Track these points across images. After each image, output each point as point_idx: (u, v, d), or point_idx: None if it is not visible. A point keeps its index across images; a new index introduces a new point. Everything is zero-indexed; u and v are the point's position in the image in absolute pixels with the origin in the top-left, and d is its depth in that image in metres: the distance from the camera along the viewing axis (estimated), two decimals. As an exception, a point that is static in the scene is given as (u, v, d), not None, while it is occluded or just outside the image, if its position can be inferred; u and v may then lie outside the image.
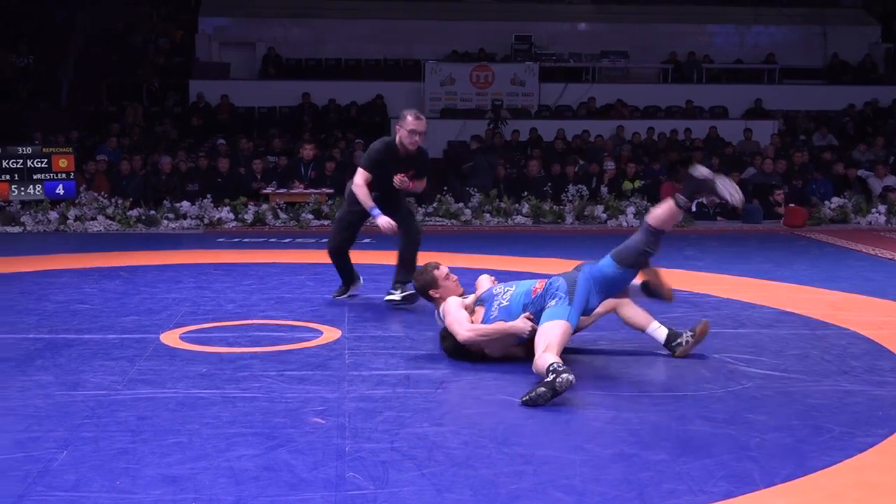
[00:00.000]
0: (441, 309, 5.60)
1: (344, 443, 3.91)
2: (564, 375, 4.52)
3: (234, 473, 3.57)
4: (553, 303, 5.11)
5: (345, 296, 7.51)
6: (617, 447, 3.93)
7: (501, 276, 8.68)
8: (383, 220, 7.03)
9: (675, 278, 8.51)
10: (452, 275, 5.82)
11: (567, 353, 5.53)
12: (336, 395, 4.64)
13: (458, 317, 5.38)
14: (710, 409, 4.49)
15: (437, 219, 13.90)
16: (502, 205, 14.20)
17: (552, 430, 4.14)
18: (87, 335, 6.02)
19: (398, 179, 7.15)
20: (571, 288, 5.16)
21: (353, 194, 7.27)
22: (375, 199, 7.10)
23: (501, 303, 5.39)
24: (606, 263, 5.28)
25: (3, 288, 7.91)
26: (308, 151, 14.75)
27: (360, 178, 7.11)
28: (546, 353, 4.78)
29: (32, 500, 3.28)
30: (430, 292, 5.73)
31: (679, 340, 5.54)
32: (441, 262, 5.92)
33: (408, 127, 7.11)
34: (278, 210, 13.66)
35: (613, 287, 5.32)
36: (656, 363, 5.39)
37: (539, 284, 5.35)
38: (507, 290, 5.46)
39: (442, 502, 3.36)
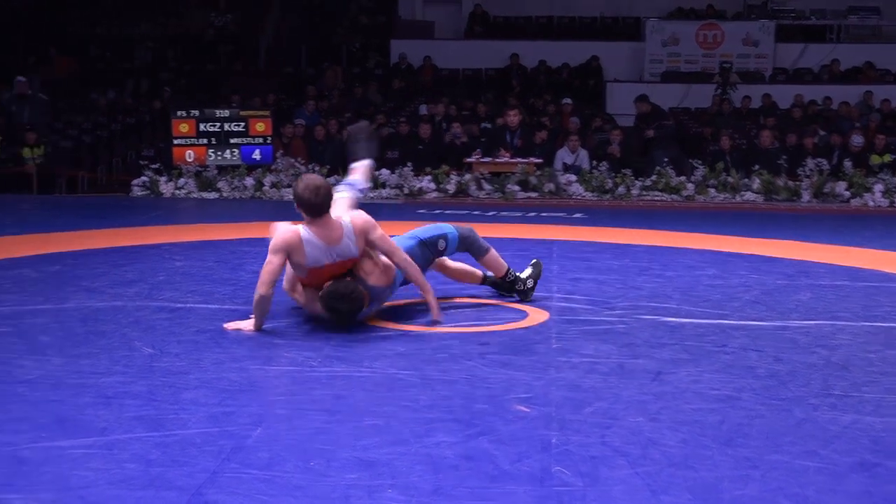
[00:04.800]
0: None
1: (550, 434, 3.91)
2: None
3: (432, 461, 3.62)
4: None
5: None
6: (857, 455, 3.78)
7: (722, 259, 8.49)
8: None
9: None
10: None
11: (798, 344, 5.37)
12: (542, 383, 4.64)
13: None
14: (970, 417, 4.26)
15: (656, 193, 13.71)
16: (729, 179, 13.87)
17: (783, 432, 4.02)
18: (277, 307, 6.24)
19: None
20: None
21: None
22: None
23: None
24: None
25: (198, 256, 8.30)
26: (513, 118, 14.80)
27: None
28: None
29: (226, 477, 3.43)
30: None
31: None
32: (654, 242, 5.84)
33: None
34: (482, 180, 13.77)
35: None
36: (906, 362, 5.16)
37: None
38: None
39: (657, 505, 3.32)
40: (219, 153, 14.37)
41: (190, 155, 14.29)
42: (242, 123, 14.50)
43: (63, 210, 12.75)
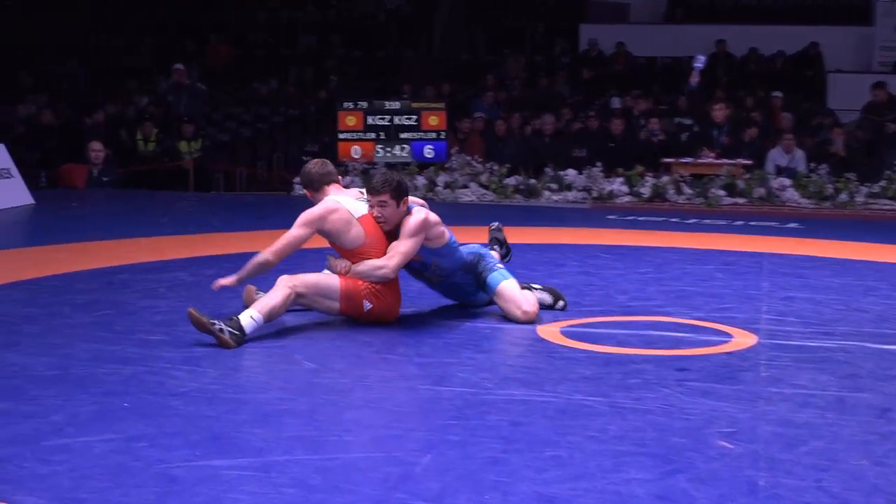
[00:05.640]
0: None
1: (757, 475, 3.85)
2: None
3: (621, 499, 3.60)
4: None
5: None
6: None
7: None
8: None
9: None
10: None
11: None
12: (748, 416, 4.57)
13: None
14: None
15: (885, 201, 13.30)
16: (975, 185, 13.36)
17: None
18: (455, 322, 6.33)
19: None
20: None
21: None
22: None
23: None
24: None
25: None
26: (719, 112, 14.55)
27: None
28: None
29: (392, 507, 3.49)
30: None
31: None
32: (882, 258, 5.67)
33: None
34: (682, 183, 13.61)
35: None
36: None
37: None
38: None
39: (882, 562, 3.23)
40: (388, 149, 14.59)
41: (356, 151, 14.55)
42: (414, 117, 14.68)
43: (220, 209, 13.17)
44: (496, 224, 7.29)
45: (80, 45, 22.56)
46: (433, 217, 6.22)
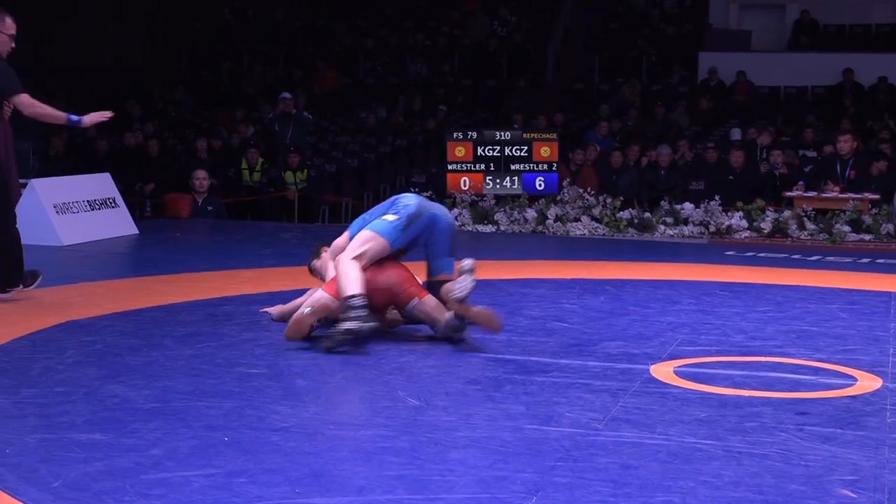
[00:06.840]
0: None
1: (881, 526, 3.79)
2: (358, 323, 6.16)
3: (735, 549, 3.57)
4: (391, 217, 6.69)
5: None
6: None
7: None
8: (93, 117, 8.08)
9: None
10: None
11: None
12: (872, 464, 4.49)
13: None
14: None
15: None
16: None
17: None
18: (564, 360, 6.30)
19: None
20: (415, 217, 6.70)
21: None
22: None
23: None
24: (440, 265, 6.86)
25: (478, 299, 8.46)
26: (845, 144, 14.35)
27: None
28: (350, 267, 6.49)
29: (496, 551, 3.49)
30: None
31: None
32: None
33: (9, 31, 7.71)
34: (805, 218, 13.44)
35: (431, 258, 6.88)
36: None
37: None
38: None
39: None
40: (497, 181, 14.60)
41: (465, 182, 14.59)
42: (525, 147, 14.65)
43: (325, 240, 13.27)
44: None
45: (189, 73, 23.05)
46: None
